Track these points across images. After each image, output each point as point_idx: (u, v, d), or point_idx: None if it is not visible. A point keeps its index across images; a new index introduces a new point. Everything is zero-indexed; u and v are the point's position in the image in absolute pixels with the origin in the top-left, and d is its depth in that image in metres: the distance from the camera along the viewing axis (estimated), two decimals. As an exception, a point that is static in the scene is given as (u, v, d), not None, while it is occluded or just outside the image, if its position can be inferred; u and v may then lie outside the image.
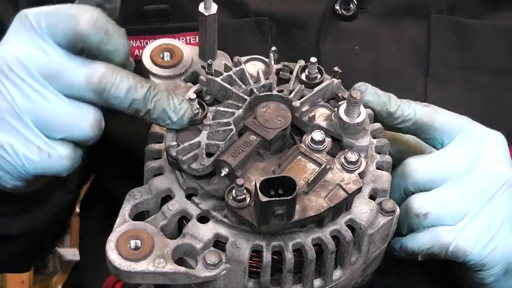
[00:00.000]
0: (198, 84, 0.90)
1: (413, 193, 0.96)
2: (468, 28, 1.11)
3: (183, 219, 0.86)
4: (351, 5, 1.09)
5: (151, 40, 1.04)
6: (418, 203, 0.94)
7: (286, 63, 0.92)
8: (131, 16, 1.09)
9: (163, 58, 0.93)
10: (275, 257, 0.83)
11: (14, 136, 0.83)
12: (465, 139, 0.96)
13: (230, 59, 0.95)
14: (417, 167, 0.95)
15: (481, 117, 1.06)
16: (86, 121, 0.83)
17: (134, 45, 1.09)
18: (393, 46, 1.11)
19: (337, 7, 1.10)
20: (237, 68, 0.90)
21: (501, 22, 1.13)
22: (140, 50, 1.07)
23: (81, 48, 0.82)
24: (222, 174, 0.83)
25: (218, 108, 0.87)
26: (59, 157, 0.84)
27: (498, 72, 1.11)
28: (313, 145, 0.85)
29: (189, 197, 0.86)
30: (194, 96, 0.86)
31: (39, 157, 0.83)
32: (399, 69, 1.10)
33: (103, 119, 0.85)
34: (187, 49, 0.95)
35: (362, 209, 0.85)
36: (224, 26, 1.02)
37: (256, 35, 1.09)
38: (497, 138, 0.97)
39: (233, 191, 0.80)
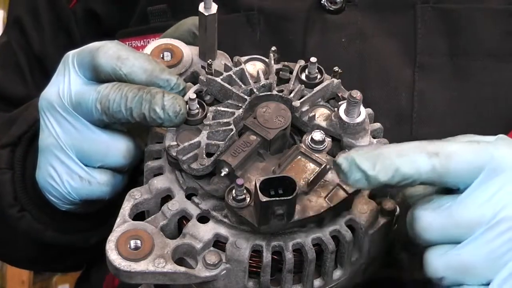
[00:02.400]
0: (198, 84, 0.90)
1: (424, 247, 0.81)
2: (455, 13, 1.10)
3: (183, 219, 0.85)
4: None
5: (152, 39, 1.08)
6: (432, 265, 0.79)
7: (286, 63, 0.92)
8: (138, 18, 1.16)
9: (163, 58, 0.93)
10: (275, 257, 0.83)
11: (61, 166, 0.92)
12: (487, 181, 0.77)
13: (230, 59, 0.95)
14: (429, 223, 0.79)
15: (476, 101, 1.06)
16: (116, 150, 0.91)
17: (139, 44, 1.14)
18: (380, 38, 1.11)
19: (323, 2, 1.11)
20: (237, 68, 0.90)
21: (490, 4, 1.11)
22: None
23: (105, 77, 0.87)
24: (222, 174, 0.82)
25: (218, 108, 0.87)
26: (98, 184, 0.92)
27: (491, 55, 1.09)
28: (313, 145, 0.85)
29: (189, 197, 0.86)
30: (194, 96, 0.86)
31: (81, 184, 0.92)
32: (386, 60, 1.10)
33: (135, 148, 0.92)
34: (187, 49, 0.95)
35: (362, 209, 0.85)
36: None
37: (246, 29, 1.12)
38: None
39: (233, 191, 0.80)
